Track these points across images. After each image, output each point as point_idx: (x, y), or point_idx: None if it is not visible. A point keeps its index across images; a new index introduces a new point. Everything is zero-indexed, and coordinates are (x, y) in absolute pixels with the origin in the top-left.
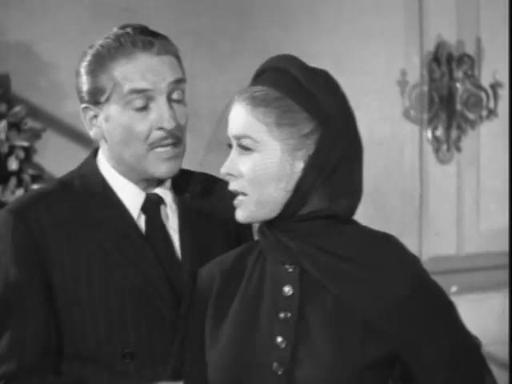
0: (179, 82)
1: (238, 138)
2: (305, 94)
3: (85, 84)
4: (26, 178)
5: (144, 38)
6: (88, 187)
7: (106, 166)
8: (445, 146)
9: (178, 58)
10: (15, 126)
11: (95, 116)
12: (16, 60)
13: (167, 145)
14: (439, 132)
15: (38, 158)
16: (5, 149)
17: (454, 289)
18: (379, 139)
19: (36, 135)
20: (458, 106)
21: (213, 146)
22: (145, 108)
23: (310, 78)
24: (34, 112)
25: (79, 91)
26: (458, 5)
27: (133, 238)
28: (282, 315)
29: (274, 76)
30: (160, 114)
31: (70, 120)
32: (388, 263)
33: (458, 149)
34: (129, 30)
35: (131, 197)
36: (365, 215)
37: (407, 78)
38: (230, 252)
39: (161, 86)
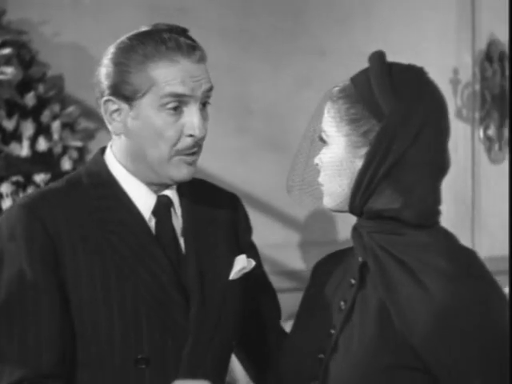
0: (211, 90)
1: (322, 131)
2: (368, 91)
3: (111, 77)
4: None
5: (187, 42)
6: (98, 186)
7: (116, 166)
8: (497, 146)
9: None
10: (69, 127)
11: (117, 110)
12: (70, 61)
13: (192, 153)
14: (491, 131)
15: None
16: (58, 149)
17: (506, 290)
18: None
19: (89, 135)
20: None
21: (307, 138)
22: (177, 112)
23: (379, 74)
24: (88, 112)
25: (100, 82)
26: (510, 3)
27: (146, 241)
28: (342, 304)
29: (359, 73)
30: (191, 120)
31: None
32: (433, 283)
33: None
34: (172, 30)
35: (143, 198)
36: None
37: (459, 76)
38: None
39: (197, 94)
